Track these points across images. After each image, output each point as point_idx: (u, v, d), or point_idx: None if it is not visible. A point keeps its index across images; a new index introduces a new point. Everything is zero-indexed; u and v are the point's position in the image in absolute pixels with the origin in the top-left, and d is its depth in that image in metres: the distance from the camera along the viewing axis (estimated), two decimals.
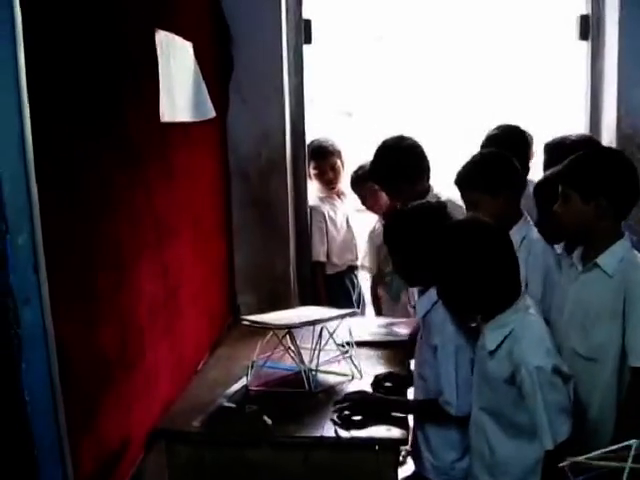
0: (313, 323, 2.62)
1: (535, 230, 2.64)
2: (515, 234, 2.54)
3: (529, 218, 2.66)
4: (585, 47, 3.61)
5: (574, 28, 3.61)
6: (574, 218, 2.23)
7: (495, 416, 2.13)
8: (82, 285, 1.84)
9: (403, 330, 3.05)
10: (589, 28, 3.57)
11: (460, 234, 2.16)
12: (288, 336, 2.63)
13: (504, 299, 2.12)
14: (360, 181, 3.67)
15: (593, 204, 2.15)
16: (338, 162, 3.86)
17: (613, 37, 3.36)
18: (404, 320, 3.22)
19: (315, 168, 3.86)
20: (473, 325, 2.24)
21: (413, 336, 2.79)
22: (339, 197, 3.96)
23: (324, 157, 3.84)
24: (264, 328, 2.64)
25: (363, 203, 3.77)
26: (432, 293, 2.39)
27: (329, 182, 3.90)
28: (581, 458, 1.47)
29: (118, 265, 2.08)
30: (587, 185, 2.17)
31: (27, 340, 1.51)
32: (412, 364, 2.64)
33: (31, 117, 1.52)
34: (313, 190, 3.92)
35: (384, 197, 3.49)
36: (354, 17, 3.89)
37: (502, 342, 2.08)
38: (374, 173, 3.23)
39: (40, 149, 1.55)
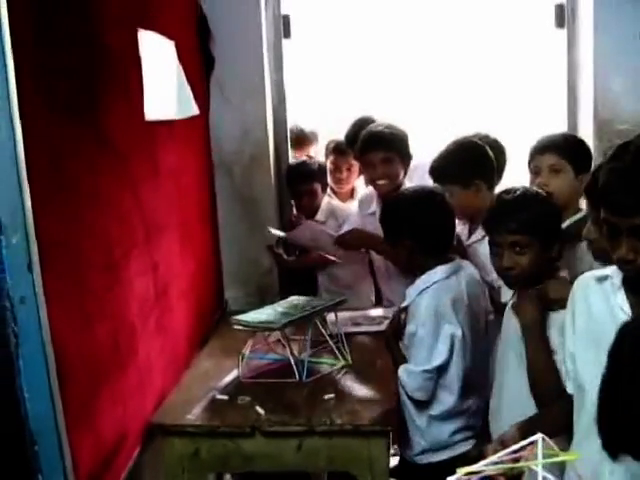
0: (303, 319, 2.62)
1: None
2: None
3: None
4: (562, 35, 3.66)
5: (551, 16, 3.66)
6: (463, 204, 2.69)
7: None
8: (75, 284, 1.86)
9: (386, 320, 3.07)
10: (564, 16, 3.62)
11: None
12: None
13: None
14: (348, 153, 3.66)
15: (473, 188, 2.70)
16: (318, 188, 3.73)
17: (588, 25, 3.40)
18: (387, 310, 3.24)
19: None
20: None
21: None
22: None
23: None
24: (256, 330, 2.63)
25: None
26: (418, 284, 2.45)
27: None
28: (477, 466, 1.23)
29: (109, 263, 2.11)
30: (461, 174, 2.69)
31: (23, 338, 1.54)
32: None
33: (20, 119, 1.55)
34: None
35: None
36: (333, 13, 3.92)
37: None
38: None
39: (31, 150, 1.58)
